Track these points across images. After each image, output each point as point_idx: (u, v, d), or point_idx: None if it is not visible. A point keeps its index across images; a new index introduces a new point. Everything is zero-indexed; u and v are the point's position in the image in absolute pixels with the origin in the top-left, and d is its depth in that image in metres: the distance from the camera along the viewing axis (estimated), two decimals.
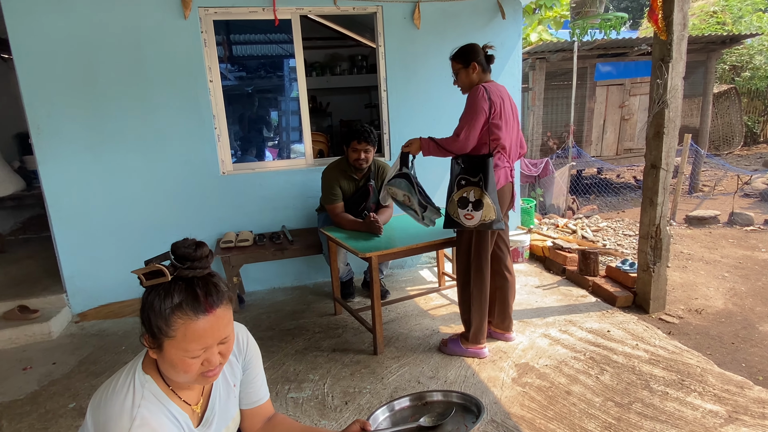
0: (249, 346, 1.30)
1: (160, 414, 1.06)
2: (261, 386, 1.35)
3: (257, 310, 3.56)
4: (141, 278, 1.03)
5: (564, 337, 2.93)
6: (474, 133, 2.47)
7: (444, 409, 1.38)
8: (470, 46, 2.61)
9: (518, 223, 4.54)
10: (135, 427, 1.00)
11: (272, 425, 1.37)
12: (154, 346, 1.04)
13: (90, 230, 3.51)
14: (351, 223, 3.13)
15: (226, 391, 1.24)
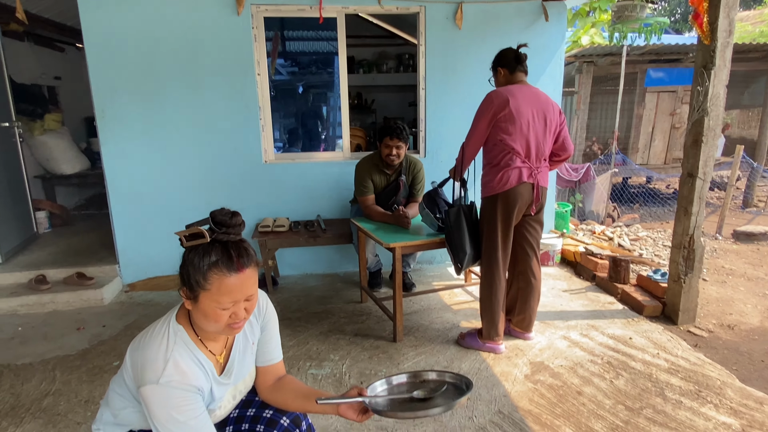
0: (268, 310, 1.45)
1: (189, 359, 1.22)
2: (276, 347, 1.49)
3: (289, 293, 3.76)
4: (182, 239, 1.19)
5: (584, 341, 2.93)
6: (474, 137, 2.63)
7: (437, 386, 1.48)
8: (498, 53, 2.72)
9: (552, 227, 4.52)
10: (168, 368, 1.16)
11: (281, 384, 1.50)
12: (191, 297, 1.19)
13: (142, 208, 3.81)
14: (380, 215, 3.25)
15: (244, 347, 1.39)
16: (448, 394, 1.44)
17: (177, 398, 1.16)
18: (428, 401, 1.41)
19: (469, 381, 1.44)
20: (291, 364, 2.73)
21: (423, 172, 3.48)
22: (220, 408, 1.33)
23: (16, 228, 4.25)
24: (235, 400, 1.40)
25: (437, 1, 3.82)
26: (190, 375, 1.19)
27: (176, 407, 1.15)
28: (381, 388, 1.50)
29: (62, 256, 4.14)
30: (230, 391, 1.36)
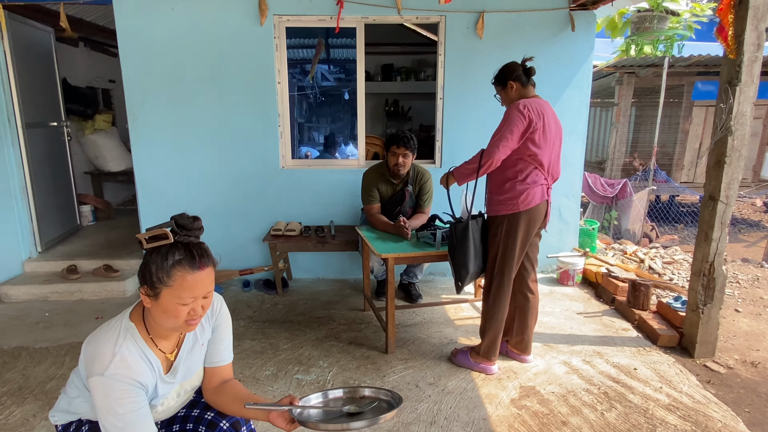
0: (221, 312, 1.50)
1: (137, 355, 1.28)
2: (226, 349, 1.53)
3: (297, 296, 3.83)
4: (142, 241, 1.26)
5: (584, 368, 2.78)
6: (507, 144, 2.42)
7: (370, 402, 1.47)
8: (505, 66, 2.61)
9: (575, 245, 4.33)
10: (114, 361, 1.23)
11: (224, 387, 1.52)
12: (152, 295, 1.25)
13: (167, 206, 4.02)
14: (383, 225, 3.25)
15: (192, 346, 1.44)
16: (378, 410, 1.42)
17: (119, 391, 1.22)
18: (357, 415, 1.40)
19: (400, 398, 1.42)
20: (280, 367, 2.78)
21: (431, 182, 3.45)
22: (163, 404, 1.39)
23: (59, 220, 4.60)
24: (180, 398, 1.45)
25: (458, 10, 3.77)
26: (135, 370, 1.26)
27: (118, 399, 1.22)
28: (316, 400, 1.50)
29: (97, 248, 4.44)
30: (175, 389, 1.41)
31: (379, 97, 7.52)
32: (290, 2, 3.72)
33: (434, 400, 2.48)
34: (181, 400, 1.48)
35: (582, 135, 4.05)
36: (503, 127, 2.45)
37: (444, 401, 2.47)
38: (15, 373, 2.74)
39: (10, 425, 2.29)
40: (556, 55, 3.87)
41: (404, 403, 2.44)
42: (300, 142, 7.11)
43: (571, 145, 4.02)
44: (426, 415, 2.35)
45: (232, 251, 4.08)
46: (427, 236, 2.97)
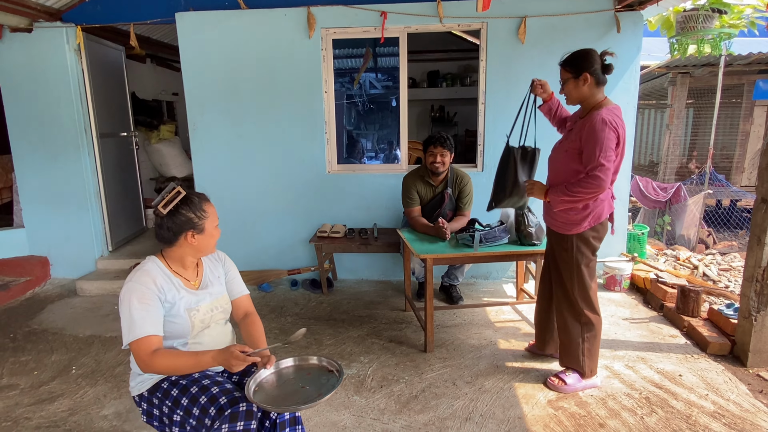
0: (226, 258, 1.96)
1: (158, 272, 1.68)
2: (239, 284, 1.95)
3: (341, 296, 3.98)
4: (159, 210, 1.65)
5: (626, 373, 2.75)
6: (611, 165, 2.23)
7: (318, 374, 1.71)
8: (584, 52, 2.32)
9: (623, 250, 4.23)
10: (139, 273, 1.65)
11: (245, 321, 1.90)
12: (198, 231, 1.69)
13: (223, 210, 4.23)
14: (423, 227, 3.34)
15: (212, 277, 1.85)
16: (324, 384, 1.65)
17: (139, 291, 1.60)
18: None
19: (341, 368, 1.69)
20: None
21: (470, 186, 3.50)
22: (199, 311, 1.73)
23: (128, 222, 5.00)
24: (213, 313, 1.78)
25: (500, 16, 3.82)
26: (155, 278, 1.64)
27: (137, 294, 1.59)
28: (267, 373, 1.70)
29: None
30: (207, 304, 1.76)
31: (425, 104, 7.62)
32: (336, 15, 3.91)
33: (470, 397, 2.53)
34: (213, 314, 1.78)
35: (629, 139, 3.97)
36: (605, 151, 2.20)
37: (480, 399, 2.52)
38: (89, 358, 3.04)
39: (84, 403, 2.55)
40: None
41: (441, 400, 2.51)
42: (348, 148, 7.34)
43: None
44: (461, 412, 2.41)
45: (282, 252, 4.30)
46: (465, 238, 3.03)
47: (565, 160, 2.42)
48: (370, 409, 2.44)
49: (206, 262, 1.86)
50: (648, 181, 5.24)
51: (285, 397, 1.59)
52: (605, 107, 2.29)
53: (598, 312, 2.55)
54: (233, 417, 1.51)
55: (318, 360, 1.76)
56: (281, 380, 1.69)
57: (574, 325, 2.54)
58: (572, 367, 2.59)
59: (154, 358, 1.56)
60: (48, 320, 3.65)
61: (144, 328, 1.58)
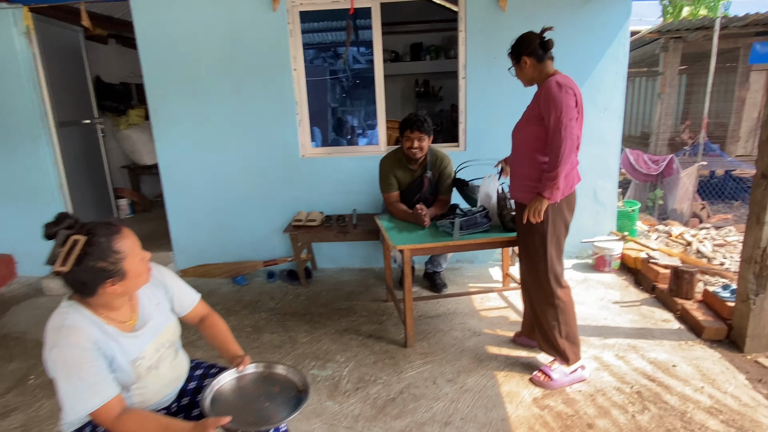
0: (164, 275, 1.64)
1: (86, 322, 1.36)
2: (187, 296, 1.69)
3: (320, 287, 3.79)
4: (61, 270, 1.29)
5: (617, 364, 2.59)
6: (574, 127, 2.15)
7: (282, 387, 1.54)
8: (520, 38, 2.35)
9: (613, 228, 4.05)
10: (65, 332, 1.31)
11: (204, 325, 1.72)
12: (120, 277, 1.36)
13: (192, 199, 4.06)
14: (401, 213, 3.13)
15: (150, 308, 1.54)
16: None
17: (77, 356, 1.29)
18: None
19: (307, 387, 1.51)
20: (297, 361, 2.75)
21: (451, 167, 3.28)
22: (143, 358, 1.46)
23: (97, 214, 4.76)
24: (160, 353, 1.53)
25: None
26: (88, 334, 1.33)
27: (78, 365, 1.29)
28: (229, 377, 1.57)
29: None
30: (151, 345, 1.50)
31: (409, 78, 7.32)
32: None
33: (451, 398, 2.37)
34: (163, 355, 1.54)
35: (618, 110, 3.74)
36: (560, 112, 2.13)
37: (462, 400, 2.36)
38: None
39: (39, 418, 2.38)
40: (588, 24, 3.56)
41: (420, 402, 2.35)
42: (335, 127, 7.05)
43: (607, 121, 3.73)
44: (441, 415, 2.25)
45: (257, 242, 4.09)
46: (445, 225, 2.83)
47: (527, 129, 2.35)
48: (344, 416, 2.28)
49: (142, 291, 1.54)
50: (639, 153, 5.03)
51: (241, 412, 1.42)
52: (557, 75, 2.25)
53: (567, 285, 2.46)
54: None
55: (288, 372, 1.59)
56: (243, 390, 1.53)
57: (548, 310, 2.42)
58: (552, 354, 2.47)
59: (120, 424, 1.32)
60: (11, 323, 3.45)
61: (102, 395, 1.31)
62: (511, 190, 2.52)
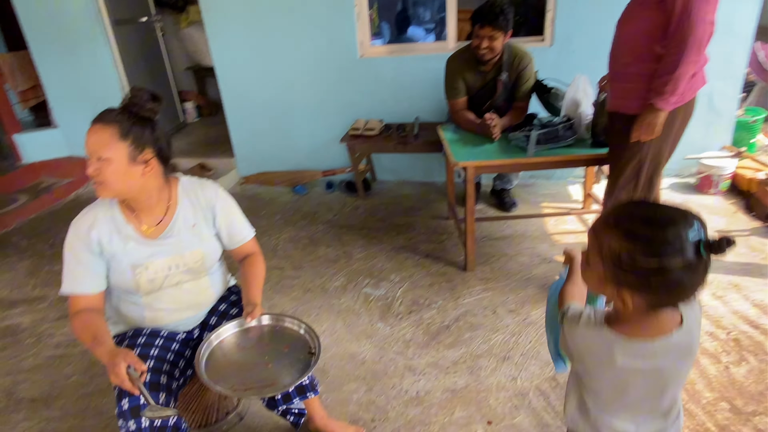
0: (219, 199, 1.52)
1: (103, 212, 1.38)
2: (241, 230, 1.58)
3: (378, 200, 3.60)
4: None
5: (712, 304, 2.23)
6: (711, 11, 1.69)
7: None
8: None
9: (727, 142, 3.40)
10: (83, 212, 1.39)
11: (244, 262, 1.60)
12: None
13: (249, 105, 3.88)
14: (467, 123, 2.76)
15: (184, 226, 1.46)
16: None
17: (73, 238, 1.36)
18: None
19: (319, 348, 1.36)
20: (350, 278, 2.65)
21: (532, 67, 2.77)
22: (148, 268, 1.40)
23: (162, 118, 4.75)
24: (172, 272, 1.44)
25: None
26: (94, 221, 1.36)
27: (69, 244, 1.37)
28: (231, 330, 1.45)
29: (195, 146, 4.56)
30: (166, 260, 1.42)
31: None
32: None
33: (512, 331, 2.17)
34: (173, 276, 1.45)
35: None
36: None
37: (524, 333, 2.15)
38: None
39: None
40: None
41: (477, 332, 2.18)
42: (399, 20, 6.41)
43: (738, 3, 2.96)
44: (499, 349, 2.07)
45: (316, 151, 3.90)
46: (519, 138, 2.45)
47: (641, 16, 1.83)
48: (395, 340, 2.17)
49: (184, 205, 1.46)
50: None
51: (240, 373, 1.30)
52: None
53: None
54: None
55: (300, 329, 1.44)
56: (246, 347, 1.40)
57: None
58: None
59: (73, 320, 1.35)
60: None
61: (68, 284, 1.36)
62: (611, 97, 2.06)
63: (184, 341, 1.53)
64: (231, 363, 1.34)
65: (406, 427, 1.74)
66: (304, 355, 1.36)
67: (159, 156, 1.36)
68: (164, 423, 1.30)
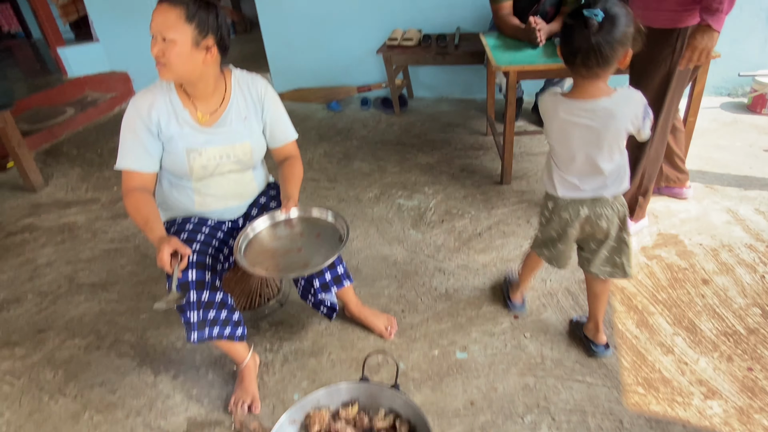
0: (267, 93, 1.54)
1: (161, 96, 1.42)
2: (285, 129, 1.61)
3: (414, 117, 3.55)
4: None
5: (754, 219, 2.17)
6: None
7: None
8: None
9: None
10: (140, 93, 1.43)
11: (283, 165, 1.62)
12: None
13: (285, 17, 3.80)
14: (511, 29, 2.63)
15: (237, 117, 1.49)
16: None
17: (130, 115, 1.41)
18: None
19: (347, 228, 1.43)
20: (384, 190, 2.69)
21: None
22: (201, 155, 1.45)
23: None
24: (220, 161, 1.49)
25: None
26: (153, 101, 1.40)
27: (126, 121, 1.42)
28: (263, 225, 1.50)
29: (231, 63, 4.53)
30: (218, 149, 1.47)
31: None
32: None
33: None
34: (223, 165, 1.50)
35: None
36: None
37: None
38: None
39: None
40: None
41: (508, 239, 2.20)
42: None
43: None
44: None
45: (351, 65, 3.84)
46: None
47: None
48: (426, 245, 2.22)
49: (237, 96, 1.49)
50: None
51: (274, 257, 1.38)
52: None
53: (666, 139, 2.02)
54: None
55: (327, 217, 1.51)
56: (280, 235, 1.47)
57: (635, 160, 1.94)
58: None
59: (126, 197, 1.42)
60: None
61: (124, 159, 1.41)
62: (633, 7, 1.87)
63: (228, 230, 1.62)
64: (266, 250, 1.42)
65: (434, 318, 1.82)
66: (334, 241, 1.42)
67: (219, 45, 1.36)
68: (212, 297, 1.40)
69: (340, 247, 1.37)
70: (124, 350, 1.80)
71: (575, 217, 1.39)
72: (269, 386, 1.61)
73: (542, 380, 1.55)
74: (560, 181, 1.38)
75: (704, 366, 1.55)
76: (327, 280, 1.58)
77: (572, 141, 1.30)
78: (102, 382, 1.67)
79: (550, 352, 1.64)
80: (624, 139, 1.30)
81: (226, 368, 1.68)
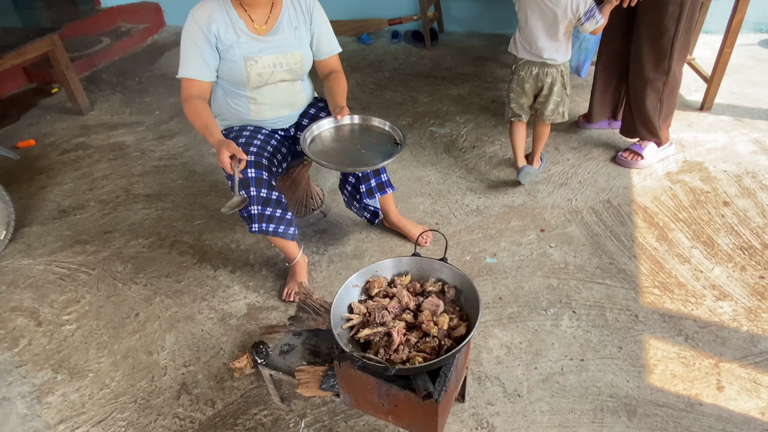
0: (315, 6, 1.64)
1: (219, 8, 1.51)
2: (330, 41, 1.70)
3: (445, 50, 3.57)
4: None
5: None
6: None
7: None
8: None
9: None
10: (199, 5, 1.51)
11: (329, 79, 1.72)
12: None
13: None
14: None
15: (288, 26, 1.59)
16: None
17: (189, 27, 1.51)
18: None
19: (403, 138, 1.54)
20: (416, 118, 2.77)
21: None
22: (257, 63, 1.57)
23: None
24: (274, 69, 1.60)
25: None
26: (211, 13, 1.49)
27: (186, 31, 1.51)
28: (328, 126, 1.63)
29: None
30: (272, 57, 1.58)
31: None
32: None
33: (572, 163, 2.29)
34: (277, 73, 1.61)
35: None
36: None
37: (583, 166, 2.26)
38: None
39: (196, 141, 2.77)
40: None
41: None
42: None
43: None
44: (558, 177, 2.21)
45: None
46: None
47: None
48: (458, 167, 2.34)
49: (287, 6, 1.58)
50: None
51: (338, 155, 1.51)
52: None
53: (681, 70, 2.07)
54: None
55: (384, 126, 1.63)
56: (341, 137, 1.60)
57: (653, 90, 2.05)
58: (646, 137, 2.19)
59: (186, 103, 1.53)
60: (166, 65, 3.83)
61: (185, 69, 1.53)
62: None
63: (281, 139, 1.75)
64: (329, 149, 1.55)
65: (466, 230, 1.97)
66: (390, 146, 1.54)
67: None
68: (269, 194, 1.55)
69: (399, 149, 1.49)
70: (184, 249, 1.99)
71: (529, 75, 1.92)
72: (317, 281, 1.79)
73: (565, 282, 1.70)
74: (520, 42, 1.90)
75: (718, 274, 1.68)
76: (372, 185, 1.72)
77: (533, 16, 1.80)
78: (168, 274, 1.87)
79: (573, 259, 1.78)
80: (564, 25, 1.76)
81: (278, 266, 1.86)
